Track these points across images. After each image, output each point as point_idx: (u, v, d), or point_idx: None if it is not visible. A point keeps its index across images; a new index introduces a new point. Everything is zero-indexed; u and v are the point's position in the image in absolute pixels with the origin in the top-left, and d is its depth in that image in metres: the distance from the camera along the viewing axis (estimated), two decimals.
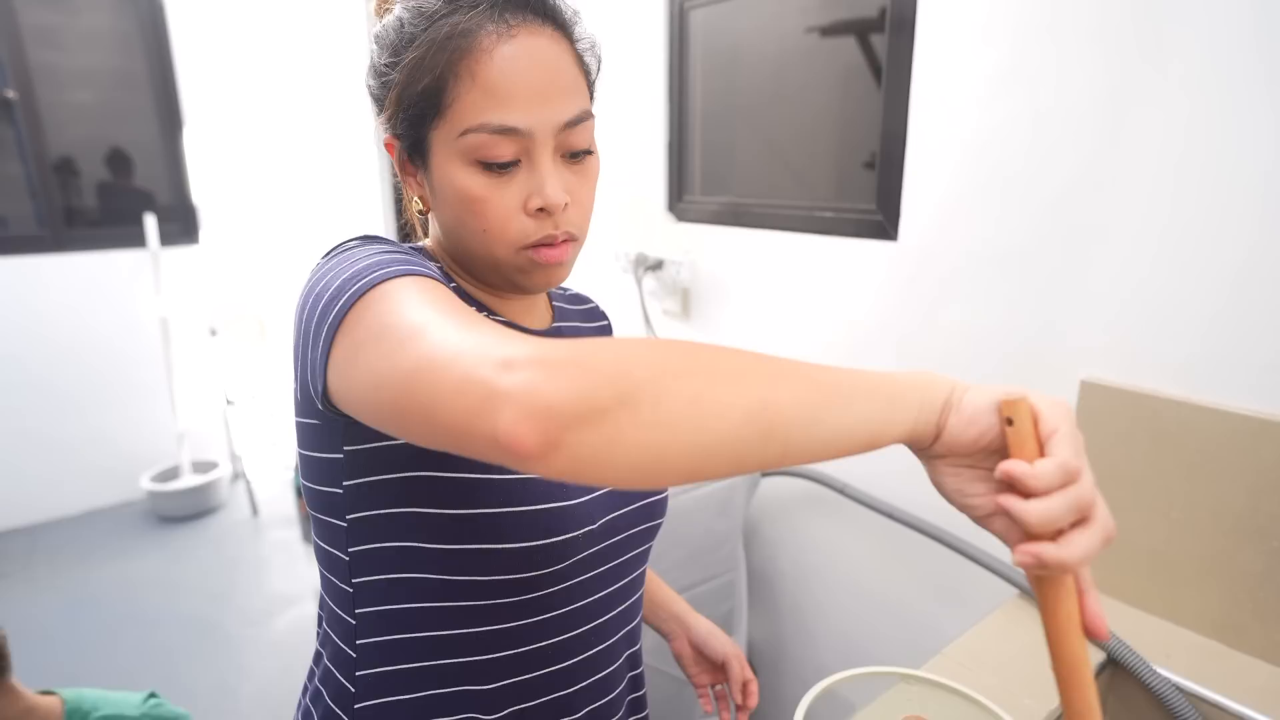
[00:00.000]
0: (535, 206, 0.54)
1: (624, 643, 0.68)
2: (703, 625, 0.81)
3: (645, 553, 0.68)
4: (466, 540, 0.53)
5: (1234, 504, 0.87)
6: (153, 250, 2.95)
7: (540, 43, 0.53)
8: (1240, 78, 0.82)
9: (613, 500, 0.62)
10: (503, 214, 0.54)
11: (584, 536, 0.58)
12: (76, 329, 2.99)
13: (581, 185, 0.57)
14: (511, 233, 0.54)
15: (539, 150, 0.53)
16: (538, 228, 0.55)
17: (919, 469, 0.48)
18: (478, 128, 0.52)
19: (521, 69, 0.52)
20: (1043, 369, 1.04)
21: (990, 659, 0.87)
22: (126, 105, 3.07)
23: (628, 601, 0.67)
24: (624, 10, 1.67)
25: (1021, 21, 0.99)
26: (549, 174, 0.54)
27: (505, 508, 0.53)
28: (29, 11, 2.79)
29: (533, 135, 0.52)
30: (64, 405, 3.00)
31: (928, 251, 1.16)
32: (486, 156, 0.52)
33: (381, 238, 0.54)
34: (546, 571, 0.56)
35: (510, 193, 0.54)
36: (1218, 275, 0.86)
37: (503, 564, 0.54)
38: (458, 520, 0.53)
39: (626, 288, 1.74)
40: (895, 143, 1.18)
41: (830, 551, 1.43)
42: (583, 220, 0.58)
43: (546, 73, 0.53)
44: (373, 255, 0.48)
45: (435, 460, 0.53)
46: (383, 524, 0.55)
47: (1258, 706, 0.79)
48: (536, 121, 0.52)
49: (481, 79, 0.51)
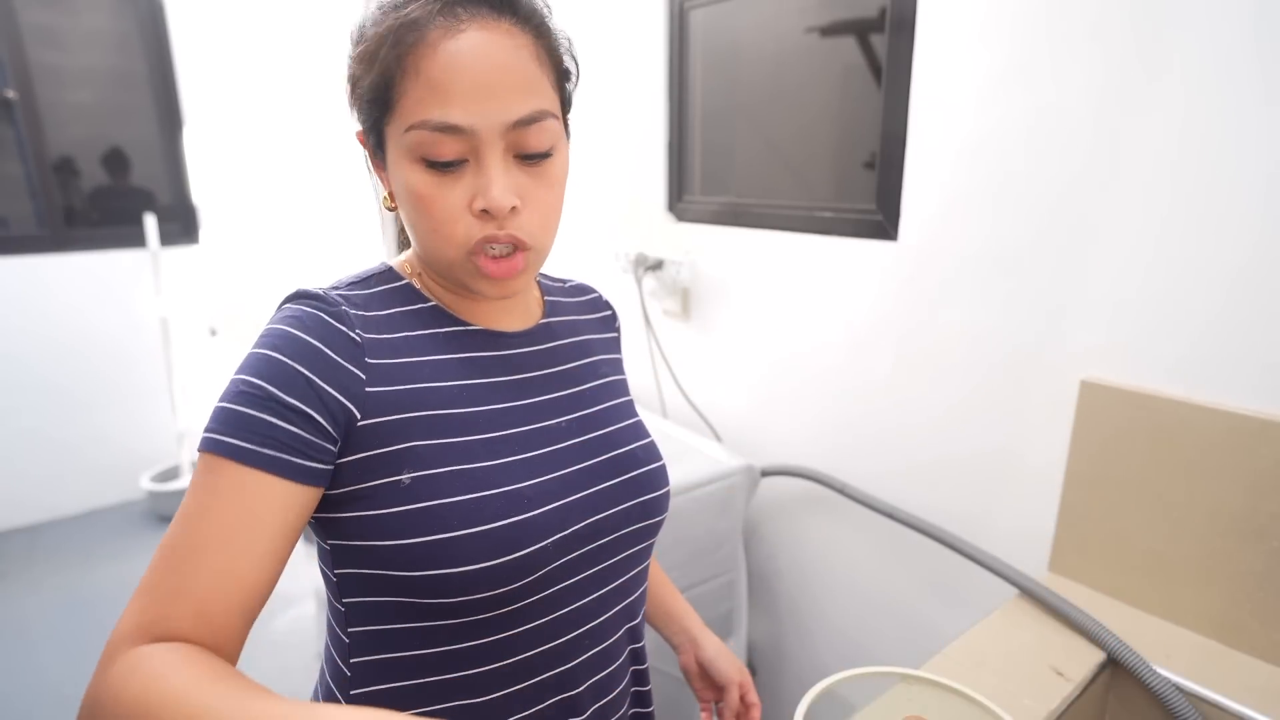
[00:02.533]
0: (478, 208, 0.53)
1: (626, 638, 0.67)
2: (711, 645, 0.80)
3: (645, 550, 0.67)
4: (427, 566, 0.52)
5: (1234, 504, 0.87)
6: (153, 250, 2.95)
7: (492, 37, 0.51)
8: (1239, 77, 0.82)
9: (595, 502, 0.61)
10: (448, 214, 0.53)
11: (554, 545, 0.57)
12: (76, 329, 2.98)
13: (537, 189, 0.55)
14: (458, 234, 0.53)
15: (486, 149, 0.52)
16: (481, 228, 0.53)
17: (919, 469, 0.48)
18: (419, 124, 0.51)
19: (464, 64, 0.50)
20: (1043, 369, 1.04)
21: (990, 659, 0.87)
22: (126, 105, 3.07)
23: (628, 599, 0.66)
24: (624, 10, 1.67)
25: (1021, 21, 0.99)
26: (495, 175, 0.52)
27: (458, 531, 0.52)
28: (29, 11, 2.79)
29: (477, 133, 0.51)
30: (64, 405, 3.00)
31: (928, 251, 1.16)
32: (429, 154, 0.51)
33: (307, 296, 0.55)
34: (519, 585, 0.55)
35: (456, 192, 0.53)
36: (1217, 275, 0.86)
37: (469, 584, 0.53)
38: (412, 549, 0.52)
39: (626, 288, 1.74)
40: (895, 143, 1.18)
41: (830, 551, 1.43)
42: (538, 228, 0.56)
43: (494, 69, 0.51)
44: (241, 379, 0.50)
45: (378, 498, 0.53)
46: (354, 551, 0.55)
47: (1258, 706, 0.79)
48: (480, 119, 0.51)
49: (425, 74, 0.50)
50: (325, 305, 0.55)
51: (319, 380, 0.51)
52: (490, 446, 0.56)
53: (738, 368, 1.55)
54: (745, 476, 1.40)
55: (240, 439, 0.48)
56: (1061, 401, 1.02)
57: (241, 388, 0.50)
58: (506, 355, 0.62)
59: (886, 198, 1.21)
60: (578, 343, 0.70)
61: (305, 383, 0.51)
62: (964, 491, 1.17)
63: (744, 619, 1.47)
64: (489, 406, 0.58)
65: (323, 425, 0.51)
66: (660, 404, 1.75)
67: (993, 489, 1.13)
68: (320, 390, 0.51)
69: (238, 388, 0.50)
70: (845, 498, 1.32)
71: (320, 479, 0.51)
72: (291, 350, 0.51)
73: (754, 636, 1.62)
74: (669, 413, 1.74)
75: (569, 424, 0.63)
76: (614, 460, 0.64)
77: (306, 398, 0.50)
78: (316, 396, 0.51)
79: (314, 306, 0.54)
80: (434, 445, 0.54)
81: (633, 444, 0.67)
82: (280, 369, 0.51)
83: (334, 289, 0.57)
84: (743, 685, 0.79)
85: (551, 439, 0.61)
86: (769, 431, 1.51)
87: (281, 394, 0.50)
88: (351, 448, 0.53)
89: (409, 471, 0.53)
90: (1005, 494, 1.12)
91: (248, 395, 0.50)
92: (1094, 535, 1.00)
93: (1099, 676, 0.87)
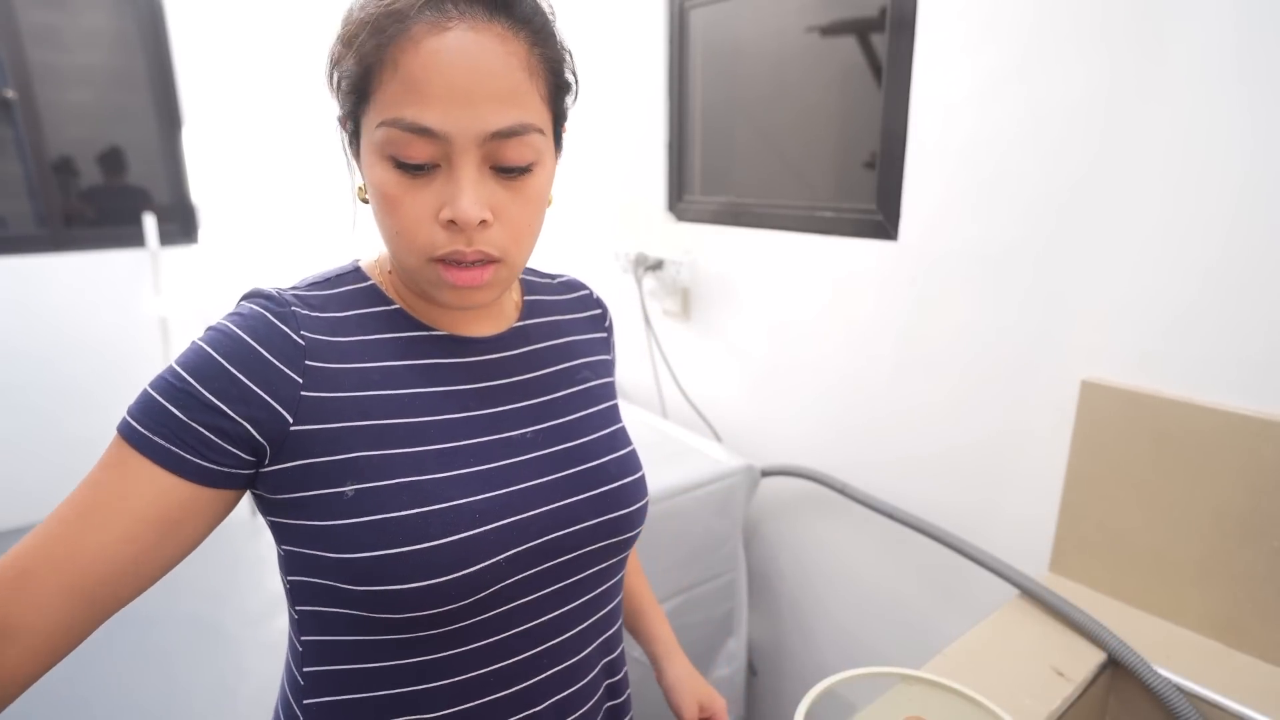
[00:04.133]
0: (445, 218, 0.50)
1: (599, 652, 0.65)
2: (672, 671, 0.78)
3: (617, 565, 0.65)
4: (371, 582, 0.50)
5: (1234, 504, 0.87)
6: (152, 250, 2.95)
7: (480, 39, 0.48)
8: (1241, 76, 0.82)
9: (557, 517, 0.58)
10: (414, 218, 0.50)
11: (507, 561, 0.54)
12: (76, 329, 2.98)
13: (512, 204, 0.52)
14: (421, 240, 0.51)
15: (459, 157, 0.49)
16: (448, 240, 0.50)
17: (919, 469, 0.48)
18: (391, 121, 0.48)
19: (446, 65, 0.47)
20: (1043, 369, 1.04)
21: (990, 659, 0.87)
22: (125, 105, 3.06)
23: (597, 615, 0.64)
24: (624, 10, 1.67)
25: (1021, 21, 0.99)
26: (466, 186, 0.49)
27: (403, 547, 0.50)
28: (29, 11, 2.78)
29: (450, 140, 0.48)
30: (64, 405, 3.00)
31: (928, 251, 1.16)
32: (399, 154, 0.49)
33: (259, 295, 0.55)
34: (468, 602, 0.53)
35: (424, 197, 0.50)
36: (1218, 275, 0.86)
37: (414, 601, 0.51)
38: (355, 563, 0.51)
39: (626, 288, 1.74)
40: (895, 143, 1.18)
41: (830, 551, 1.43)
42: (510, 243, 0.53)
43: (477, 73, 0.47)
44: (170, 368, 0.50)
45: (321, 508, 0.51)
46: (302, 559, 0.53)
47: (1258, 706, 0.79)
48: (455, 126, 0.48)
49: (404, 70, 0.47)
50: (273, 305, 0.53)
51: (246, 380, 0.49)
52: (443, 458, 0.54)
53: (738, 368, 1.55)
54: (745, 476, 1.40)
55: (141, 424, 0.48)
56: (1061, 401, 1.02)
57: (167, 377, 0.50)
58: (469, 362, 0.60)
59: (886, 197, 1.21)
60: (557, 346, 0.66)
61: (230, 381, 0.49)
62: (964, 491, 1.16)
63: (744, 619, 1.47)
64: (443, 416, 0.56)
65: (240, 426, 0.49)
66: (660, 404, 1.75)
67: (993, 488, 1.13)
68: (245, 390, 0.49)
69: (164, 376, 0.50)
70: (845, 498, 1.32)
71: (219, 481, 0.50)
72: (225, 348, 0.50)
73: (754, 636, 1.62)
74: (669, 413, 1.74)
75: (535, 435, 0.60)
76: (581, 475, 0.61)
77: (227, 397, 0.49)
78: (240, 397, 0.49)
79: (262, 306, 0.53)
80: (381, 456, 0.52)
81: (605, 457, 0.63)
82: (208, 365, 0.49)
83: (293, 289, 0.56)
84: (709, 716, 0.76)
85: (513, 451, 0.58)
86: (769, 431, 1.51)
87: (201, 389, 0.48)
88: (285, 454, 0.51)
89: (353, 483, 0.51)
90: (1005, 494, 1.12)
91: (167, 385, 0.49)
92: (1094, 535, 1.00)
93: (1099, 676, 0.87)
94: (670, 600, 1.34)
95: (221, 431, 0.49)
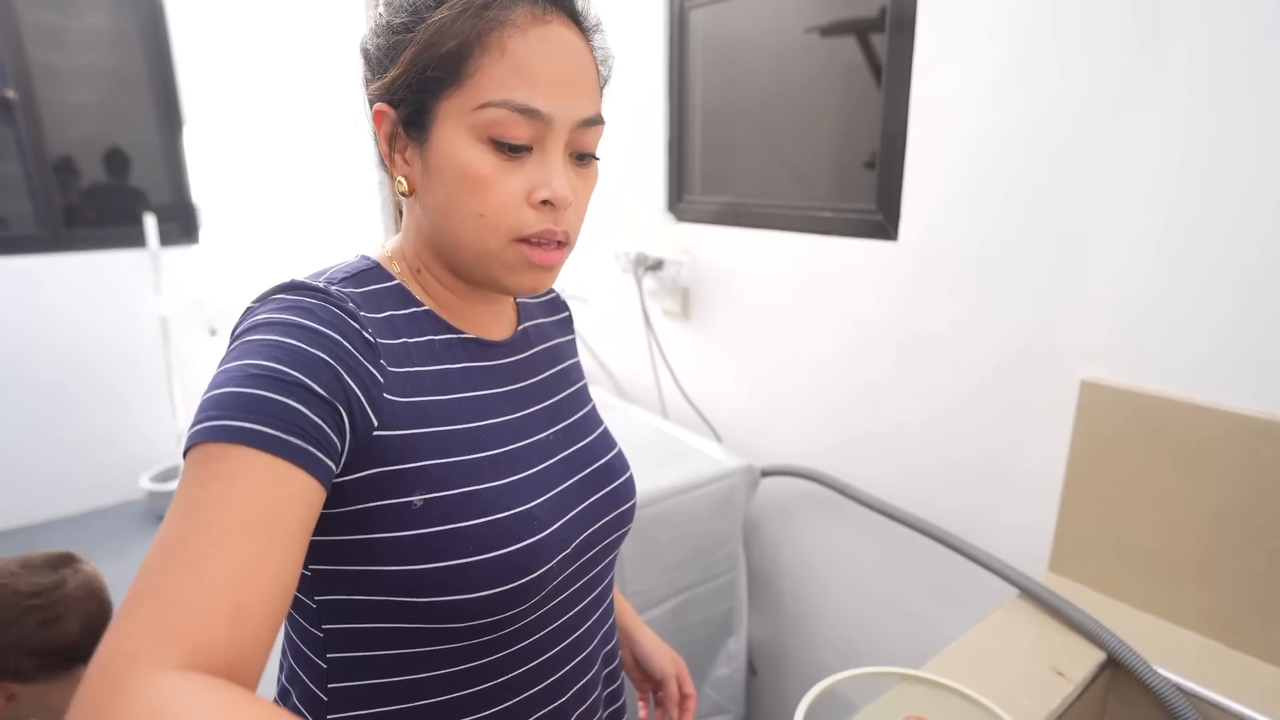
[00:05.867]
0: (540, 198, 0.51)
1: (601, 643, 0.67)
2: (646, 640, 0.80)
3: (615, 558, 0.68)
4: (436, 593, 0.50)
5: (1234, 504, 0.87)
6: (152, 250, 2.95)
7: (570, 35, 0.52)
8: (1242, 76, 0.82)
9: (587, 517, 0.60)
10: (504, 200, 0.51)
11: (558, 563, 0.56)
12: (76, 329, 2.98)
13: (583, 189, 0.56)
14: (509, 221, 0.52)
15: (554, 141, 0.52)
16: (538, 220, 0.52)
17: (919, 469, 0.48)
18: (500, 103, 0.49)
19: (552, 54, 0.50)
20: (1043, 369, 1.04)
21: (990, 659, 0.87)
22: (126, 105, 3.07)
23: (602, 607, 0.66)
24: (624, 10, 1.67)
25: (1021, 21, 0.99)
26: (559, 167, 0.52)
27: (473, 556, 0.50)
28: (29, 11, 2.78)
29: (552, 123, 0.51)
30: (64, 405, 3.00)
31: (928, 251, 1.16)
32: (501, 135, 0.50)
33: (306, 287, 0.49)
34: (525, 607, 0.54)
35: (517, 179, 0.51)
36: (1218, 275, 0.86)
37: (478, 609, 0.51)
38: (421, 574, 0.50)
39: (626, 288, 1.74)
40: (895, 143, 1.18)
41: (830, 551, 1.43)
42: (579, 225, 0.56)
43: (575, 66, 0.52)
44: (251, 364, 0.43)
45: (386, 520, 0.49)
46: (340, 577, 0.52)
47: (1258, 706, 0.79)
48: (559, 110, 0.51)
49: (511, 54, 0.49)
50: (331, 299, 0.48)
51: (344, 374, 0.45)
52: (496, 465, 0.54)
53: (738, 368, 1.55)
54: (745, 476, 1.40)
55: (261, 424, 0.41)
56: (1062, 401, 1.02)
57: (254, 371, 0.42)
58: (496, 366, 0.60)
59: (886, 198, 1.21)
60: (548, 349, 0.68)
61: (331, 373, 0.44)
62: (964, 491, 1.16)
63: (744, 619, 1.47)
64: (489, 421, 0.56)
65: (343, 425, 0.45)
66: (660, 404, 1.75)
67: (993, 489, 1.13)
68: (346, 385, 0.45)
69: (247, 371, 0.42)
70: (845, 498, 1.32)
71: (330, 483, 0.45)
72: (309, 339, 0.45)
73: (754, 636, 1.62)
74: (669, 413, 1.73)
75: (554, 437, 0.61)
76: (596, 473, 0.63)
77: (332, 389, 0.44)
78: (342, 390, 0.45)
79: (322, 299, 0.48)
80: (443, 464, 0.51)
81: (607, 455, 0.66)
82: (301, 356, 0.44)
83: (329, 284, 0.51)
84: (679, 676, 0.79)
85: (543, 454, 0.59)
86: (769, 431, 1.51)
87: (307, 380, 0.43)
88: (364, 461, 0.47)
89: (421, 493, 0.49)
90: (1005, 494, 1.12)
91: (264, 379, 0.42)
92: (1094, 535, 1.00)
93: (1099, 677, 0.87)
94: (670, 600, 1.34)
95: (334, 427, 0.44)
